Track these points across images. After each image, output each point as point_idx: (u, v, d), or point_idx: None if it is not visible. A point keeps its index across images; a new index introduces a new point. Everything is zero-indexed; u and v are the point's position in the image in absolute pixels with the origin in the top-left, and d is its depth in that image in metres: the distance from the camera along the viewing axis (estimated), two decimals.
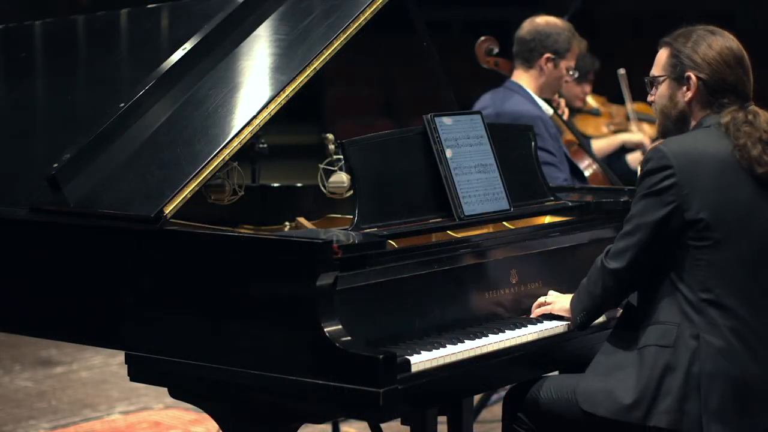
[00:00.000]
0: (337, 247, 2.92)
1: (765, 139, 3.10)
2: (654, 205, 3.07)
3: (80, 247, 3.35)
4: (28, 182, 3.55)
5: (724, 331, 3.05)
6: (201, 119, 3.37)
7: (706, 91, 3.15)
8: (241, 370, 3.01)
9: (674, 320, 3.07)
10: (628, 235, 3.11)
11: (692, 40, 3.17)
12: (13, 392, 6.13)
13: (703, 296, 3.06)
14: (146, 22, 4.12)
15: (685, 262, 3.08)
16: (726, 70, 3.14)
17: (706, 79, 3.14)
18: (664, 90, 3.20)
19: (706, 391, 3.03)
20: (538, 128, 4.74)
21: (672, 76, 3.19)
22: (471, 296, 3.29)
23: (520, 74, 4.98)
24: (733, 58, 3.16)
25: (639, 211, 3.10)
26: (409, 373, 2.90)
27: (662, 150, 3.09)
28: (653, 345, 3.08)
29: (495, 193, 3.49)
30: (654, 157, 3.09)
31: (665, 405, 3.03)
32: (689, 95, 3.17)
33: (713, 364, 3.04)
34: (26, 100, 4.13)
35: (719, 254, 3.06)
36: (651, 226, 3.07)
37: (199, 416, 5.53)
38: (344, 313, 2.92)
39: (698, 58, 3.14)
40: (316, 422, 3.33)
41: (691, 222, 3.05)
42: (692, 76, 3.15)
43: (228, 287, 3.06)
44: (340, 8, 3.56)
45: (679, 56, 3.17)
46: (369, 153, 3.29)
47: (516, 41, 4.99)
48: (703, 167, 3.07)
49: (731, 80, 3.14)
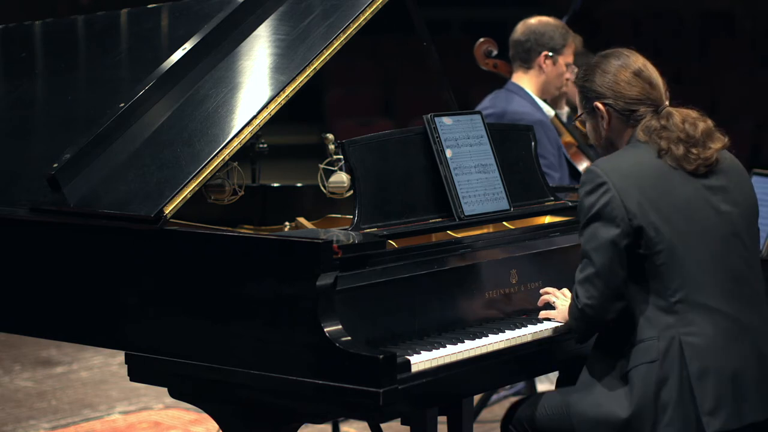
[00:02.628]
0: (337, 247, 2.92)
1: (684, 138, 3.16)
2: (600, 226, 3.08)
3: (80, 247, 3.35)
4: (28, 182, 3.56)
5: (702, 328, 3.06)
6: (201, 119, 3.37)
7: (616, 113, 3.23)
8: (241, 370, 3.01)
9: (653, 334, 3.08)
10: (587, 265, 3.09)
11: (588, 73, 3.28)
12: (13, 392, 6.13)
13: (673, 299, 3.08)
14: (146, 22, 4.12)
15: (646, 273, 3.09)
16: (626, 87, 3.22)
17: (611, 103, 3.23)
18: (589, 126, 3.32)
19: (698, 391, 3.03)
20: (536, 132, 4.74)
21: (587, 111, 3.29)
22: (471, 296, 3.29)
23: (520, 76, 4.98)
24: (630, 74, 3.23)
25: (589, 237, 3.10)
26: (409, 373, 2.90)
27: (593, 170, 3.13)
28: (640, 364, 3.08)
29: (495, 193, 3.49)
30: (587, 179, 3.13)
31: (667, 417, 3.04)
32: (605, 123, 3.25)
33: (700, 361, 3.05)
34: (26, 100, 4.13)
35: (676, 256, 3.07)
36: (606, 248, 3.06)
37: (199, 416, 5.53)
38: (344, 313, 2.92)
39: (597, 86, 3.25)
40: (316, 422, 3.33)
41: (639, 229, 3.07)
42: (599, 105, 3.25)
43: (228, 287, 3.06)
44: (340, 8, 3.56)
45: (584, 92, 3.29)
46: (369, 153, 3.29)
47: (512, 45, 4.99)
48: (636, 177, 3.11)
49: (635, 94, 3.22)
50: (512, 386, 5.71)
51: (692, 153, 3.15)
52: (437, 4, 10.75)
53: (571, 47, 4.96)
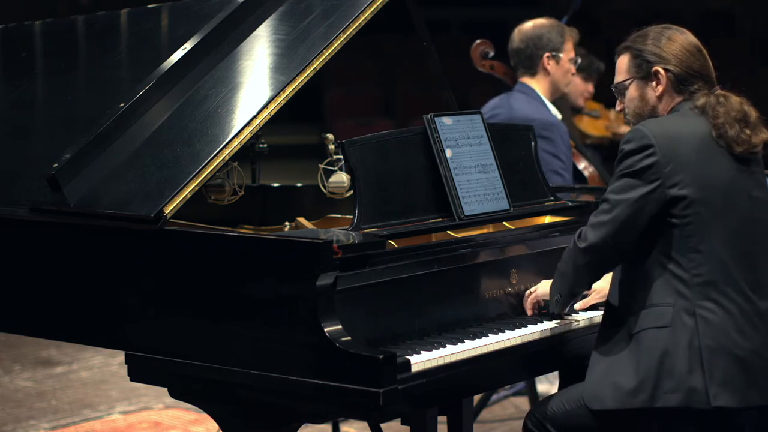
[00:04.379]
0: (337, 247, 2.92)
1: (740, 118, 3.17)
2: (634, 184, 3.09)
3: (80, 247, 3.35)
4: (28, 182, 3.56)
5: (720, 306, 3.07)
6: (201, 119, 3.37)
7: (676, 81, 3.22)
8: (241, 370, 3.01)
9: (668, 301, 3.08)
10: (604, 212, 3.13)
11: (651, 38, 3.24)
12: (13, 392, 6.13)
13: (694, 272, 3.08)
14: (146, 22, 4.12)
15: (672, 242, 3.10)
16: (691, 58, 3.22)
17: (674, 70, 3.21)
18: (633, 92, 3.26)
19: (708, 363, 3.03)
20: (551, 133, 4.74)
21: (639, 76, 3.25)
22: (471, 296, 3.29)
23: (527, 80, 4.95)
24: (695, 47, 3.24)
25: (618, 188, 3.12)
26: (409, 373, 2.90)
27: (642, 130, 3.12)
28: (650, 328, 3.08)
29: (495, 193, 3.49)
30: (634, 138, 3.12)
31: (670, 385, 3.04)
32: (660, 89, 3.22)
33: (713, 338, 3.05)
34: (26, 100, 4.13)
35: (705, 231, 3.08)
36: (630, 203, 3.09)
37: (199, 416, 5.53)
38: (344, 313, 2.93)
39: (662, 52, 3.22)
40: (316, 422, 3.33)
41: (675, 199, 3.08)
42: (660, 70, 3.21)
43: (228, 287, 3.06)
44: (340, 8, 3.56)
45: (643, 55, 3.24)
46: (369, 153, 3.29)
47: (512, 54, 4.98)
48: (683, 145, 3.11)
49: (697, 67, 3.22)
50: (512, 386, 5.72)
51: (744, 134, 3.16)
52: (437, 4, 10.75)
53: (570, 42, 4.95)
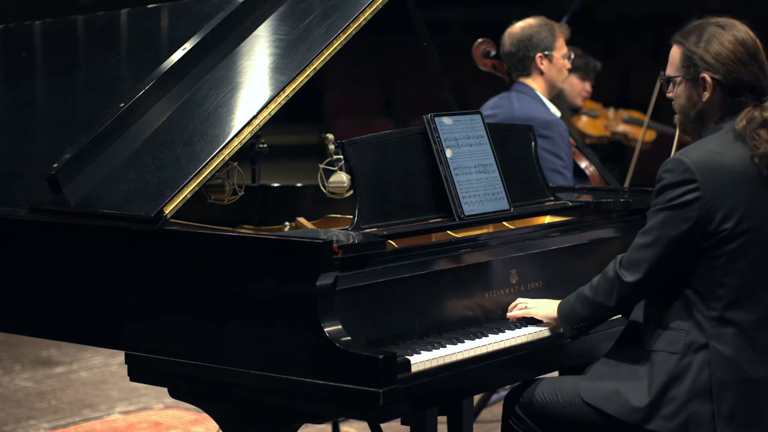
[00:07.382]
0: (337, 247, 2.92)
1: None
2: (675, 220, 3.01)
3: (80, 247, 3.35)
4: (28, 182, 3.55)
5: (735, 339, 3.03)
6: (201, 119, 3.37)
7: (722, 91, 3.10)
8: (241, 370, 3.01)
9: (683, 328, 3.06)
10: (646, 247, 3.05)
11: (704, 39, 3.10)
12: (13, 392, 6.13)
13: (715, 305, 3.04)
14: (146, 22, 4.12)
15: (698, 271, 3.04)
16: (741, 68, 3.08)
17: (721, 80, 3.09)
18: (681, 90, 3.15)
19: (717, 396, 3.01)
20: (551, 132, 4.73)
21: (687, 78, 3.13)
22: (471, 296, 3.29)
23: (524, 80, 4.95)
24: (748, 55, 3.10)
25: (659, 223, 3.04)
26: (409, 373, 2.90)
27: (685, 162, 3.02)
28: (662, 351, 3.07)
29: (495, 193, 3.49)
30: (676, 169, 3.02)
31: (668, 411, 3.03)
32: (707, 96, 3.11)
33: (723, 371, 3.02)
34: (26, 100, 4.13)
35: (736, 262, 3.02)
36: (671, 242, 3.02)
37: (199, 416, 5.53)
38: (344, 313, 2.92)
39: (711, 58, 3.08)
40: (316, 422, 3.33)
41: (711, 233, 3.01)
42: (707, 78, 3.10)
43: (228, 287, 3.06)
44: (340, 8, 3.56)
45: (693, 58, 3.11)
46: (369, 153, 3.29)
47: (504, 58, 4.98)
48: (725, 178, 3.01)
49: (747, 79, 3.09)
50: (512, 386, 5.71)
51: None
52: (437, 4, 10.77)
53: (561, 38, 4.94)
